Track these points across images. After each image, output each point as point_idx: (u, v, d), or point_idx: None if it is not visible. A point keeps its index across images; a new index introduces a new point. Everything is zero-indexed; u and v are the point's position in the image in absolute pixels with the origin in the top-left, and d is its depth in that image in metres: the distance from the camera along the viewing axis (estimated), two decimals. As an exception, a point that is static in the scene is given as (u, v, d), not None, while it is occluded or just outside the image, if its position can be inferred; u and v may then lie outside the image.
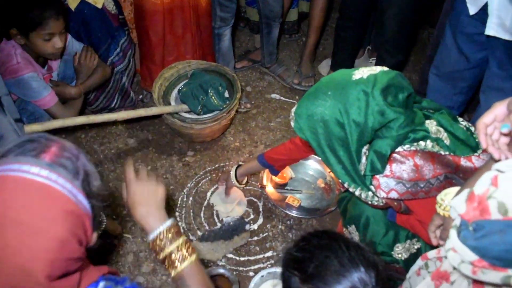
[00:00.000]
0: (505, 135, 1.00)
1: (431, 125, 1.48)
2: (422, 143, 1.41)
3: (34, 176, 0.84)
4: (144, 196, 1.08)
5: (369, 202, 1.50)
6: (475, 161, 1.44)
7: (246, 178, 2.30)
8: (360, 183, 1.46)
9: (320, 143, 1.43)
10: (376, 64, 2.64)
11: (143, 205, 1.07)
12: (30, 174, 0.83)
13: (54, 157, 0.88)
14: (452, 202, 0.94)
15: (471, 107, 2.61)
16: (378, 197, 1.46)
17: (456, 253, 0.87)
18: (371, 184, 1.46)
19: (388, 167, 1.42)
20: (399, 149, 1.42)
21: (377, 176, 1.44)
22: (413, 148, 1.41)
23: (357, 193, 1.48)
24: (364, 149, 1.42)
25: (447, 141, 1.45)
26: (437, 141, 1.43)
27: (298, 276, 1.05)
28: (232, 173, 2.21)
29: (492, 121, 1.02)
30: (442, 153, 1.42)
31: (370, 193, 1.47)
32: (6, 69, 2.12)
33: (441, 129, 1.48)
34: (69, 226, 0.86)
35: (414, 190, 1.42)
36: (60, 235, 0.84)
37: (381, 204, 1.49)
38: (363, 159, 1.43)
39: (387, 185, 1.42)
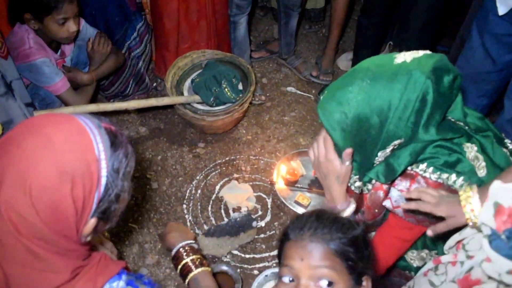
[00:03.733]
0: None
1: (471, 149, 1.30)
2: (453, 177, 1.25)
3: (82, 120, 0.89)
4: (175, 228, 1.48)
5: (349, 185, 1.38)
6: None
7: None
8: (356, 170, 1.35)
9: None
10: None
11: (173, 232, 1.45)
12: (81, 119, 0.90)
13: (108, 127, 0.93)
14: (480, 218, 0.93)
15: (495, 111, 2.50)
16: (359, 187, 1.37)
17: (491, 263, 0.85)
18: (370, 179, 1.35)
19: (408, 184, 1.30)
20: (427, 174, 1.27)
21: (393, 186, 1.33)
22: (440, 181, 1.25)
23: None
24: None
25: (482, 172, 1.28)
26: (470, 175, 1.26)
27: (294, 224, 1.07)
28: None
29: None
30: None
31: (357, 179, 1.36)
32: (19, 53, 2.10)
33: (480, 157, 1.30)
34: (79, 174, 0.83)
35: (422, 218, 1.31)
36: (68, 169, 0.82)
37: (357, 192, 1.39)
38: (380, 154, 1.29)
39: (397, 200, 1.33)
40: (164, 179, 2.38)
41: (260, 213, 2.26)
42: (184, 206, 2.28)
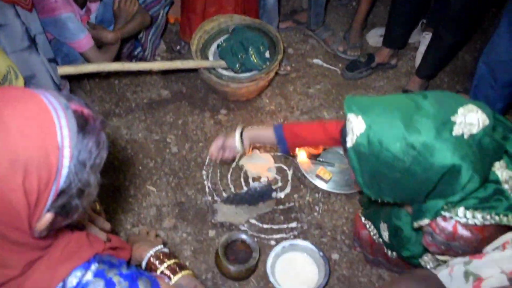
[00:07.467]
0: None
1: (501, 169, 1.17)
2: (496, 217, 1.12)
3: (46, 99, 0.76)
4: (137, 239, 1.39)
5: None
6: None
7: (251, 147, 1.84)
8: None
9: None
10: (432, 42, 2.43)
11: (137, 243, 1.36)
12: (46, 97, 0.76)
13: (79, 109, 0.80)
14: None
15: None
16: None
17: None
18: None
19: (451, 225, 1.16)
20: (470, 221, 1.13)
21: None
22: (487, 222, 1.12)
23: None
24: None
25: None
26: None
27: None
28: (237, 137, 1.72)
29: None
30: None
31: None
32: (44, 6, 2.04)
33: None
34: (35, 163, 0.72)
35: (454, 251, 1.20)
36: (21, 157, 0.70)
37: None
38: None
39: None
40: (184, 143, 2.35)
41: (280, 184, 2.22)
42: (204, 172, 2.25)
